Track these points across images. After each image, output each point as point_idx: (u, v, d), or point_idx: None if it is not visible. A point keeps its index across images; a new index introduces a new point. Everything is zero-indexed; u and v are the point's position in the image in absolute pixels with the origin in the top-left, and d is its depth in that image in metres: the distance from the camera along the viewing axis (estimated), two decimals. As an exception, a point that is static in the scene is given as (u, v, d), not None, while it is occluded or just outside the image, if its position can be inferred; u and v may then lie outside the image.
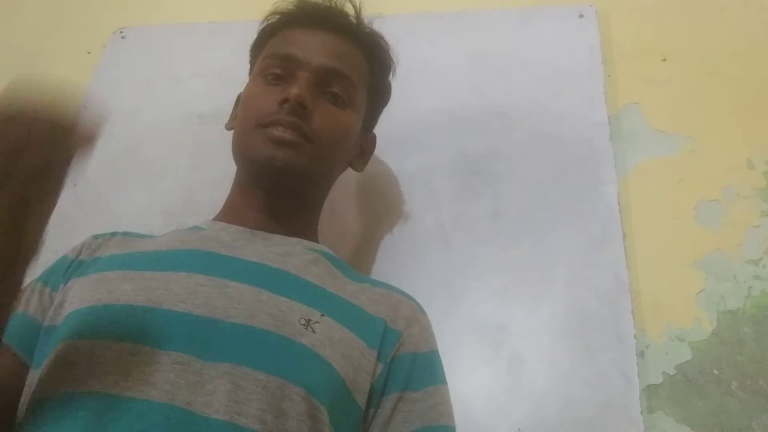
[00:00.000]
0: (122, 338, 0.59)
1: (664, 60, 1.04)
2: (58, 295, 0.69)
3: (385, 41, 0.85)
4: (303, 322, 0.62)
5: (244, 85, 0.83)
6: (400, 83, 1.07)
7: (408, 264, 0.91)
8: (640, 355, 0.82)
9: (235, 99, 0.87)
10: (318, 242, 0.80)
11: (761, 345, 0.82)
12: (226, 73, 1.15)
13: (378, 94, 0.86)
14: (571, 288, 0.87)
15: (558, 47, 1.06)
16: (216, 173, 1.05)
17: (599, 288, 0.86)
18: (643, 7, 1.09)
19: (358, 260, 0.92)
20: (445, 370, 0.82)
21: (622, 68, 1.04)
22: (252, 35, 0.87)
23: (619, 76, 1.03)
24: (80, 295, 0.65)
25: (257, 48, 0.84)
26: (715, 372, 0.81)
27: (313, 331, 0.62)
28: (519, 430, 0.79)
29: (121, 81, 1.19)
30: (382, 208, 0.97)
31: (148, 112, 1.14)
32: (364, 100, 0.82)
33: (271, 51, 0.79)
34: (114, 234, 0.78)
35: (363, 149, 0.87)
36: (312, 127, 0.73)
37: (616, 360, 0.81)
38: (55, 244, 1.01)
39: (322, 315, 0.64)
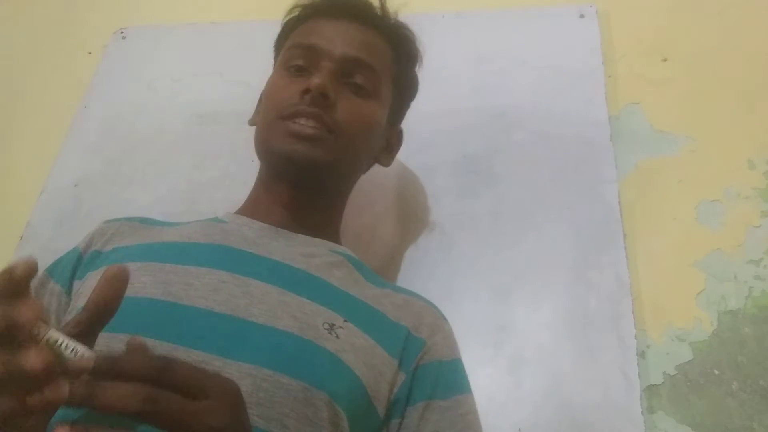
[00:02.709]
0: (141, 333, 0.56)
1: (665, 60, 1.04)
2: (75, 292, 0.67)
3: (411, 32, 0.83)
4: (326, 326, 0.61)
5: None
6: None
7: (408, 264, 0.91)
8: (641, 355, 0.82)
9: (260, 96, 0.84)
10: (341, 243, 0.79)
11: (762, 345, 0.82)
12: (226, 73, 1.15)
13: (404, 86, 0.83)
14: (572, 288, 0.87)
15: (558, 47, 1.06)
16: (216, 173, 1.05)
17: (600, 288, 0.86)
18: (644, 8, 1.09)
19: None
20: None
21: (622, 68, 1.04)
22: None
23: (619, 76, 1.03)
24: None
25: (281, 41, 0.82)
26: (716, 372, 0.81)
27: (337, 337, 0.61)
28: (519, 430, 0.79)
29: (121, 81, 1.19)
30: (382, 208, 0.97)
31: (148, 113, 1.14)
32: (390, 91, 0.80)
33: (294, 42, 0.77)
34: (130, 219, 0.76)
35: (389, 143, 0.84)
36: (335, 118, 0.71)
37: (616, 360, 0.81)
38: (56, 245, 1.02)
39: (345, 320, 0.63)
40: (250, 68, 1.14)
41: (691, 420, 0.78)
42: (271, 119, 0.72)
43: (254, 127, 0.79)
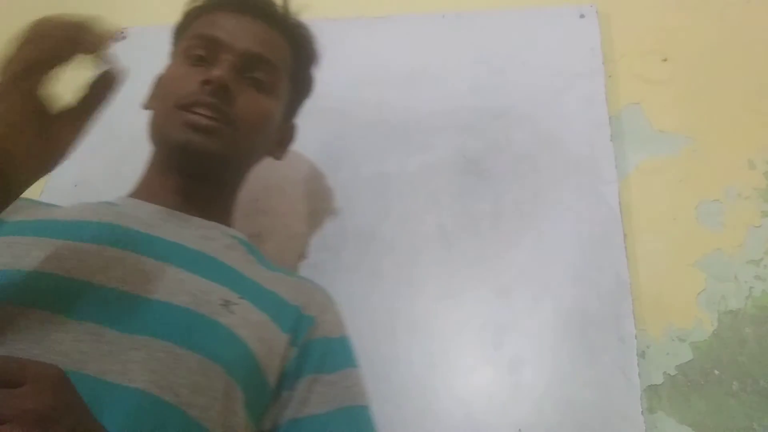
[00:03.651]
0: (33, 305, 0.57)
1: (665, 60, 1.04)
2: None
3: (310, 32, 0.85)
4: (222, 302, 0.63)
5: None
6: (400, 83, 1.07)
7: (408, 264, 0.91)
8: (641, 355, 0.82)
9: (155, 79, 0.85)
10: (234, 228, 0.80)
11: (762, 345, 0.82)
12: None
13: (301, 84, 0.85)
14: (572, 288, 0.87)
15: (559, 48, 1.06)
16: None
17: (600, 288, 0.86)
18: (644, 8, 1.09)
19: (357, 259, 0.92)
20: (446, 370, 0.82)
21: (622, 68, 1.04)
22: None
23: (619, 77, 1.03)
24: None
25: (182, 29, 0.83)
26: (716, 372, 0.81)
27: (232, 312, 0.63)
28: (520, 430, 0.79)
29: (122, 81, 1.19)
30: (382, 208, 0.97)
31: (149, 112, 1.14)
32: (287, 88, 0.82)
33: (196, 32, 0.78)
34: (20, 199, 0.75)
35: (283, 138, 0.87)
36: (233, 111, 0.72)
37: (616, 360, 0.81)
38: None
39: (240, 297, 0.65)
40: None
41: (692, 420, 0.78)
42: (169, 107, 0.73)
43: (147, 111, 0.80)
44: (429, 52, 1.09)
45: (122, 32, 0.51)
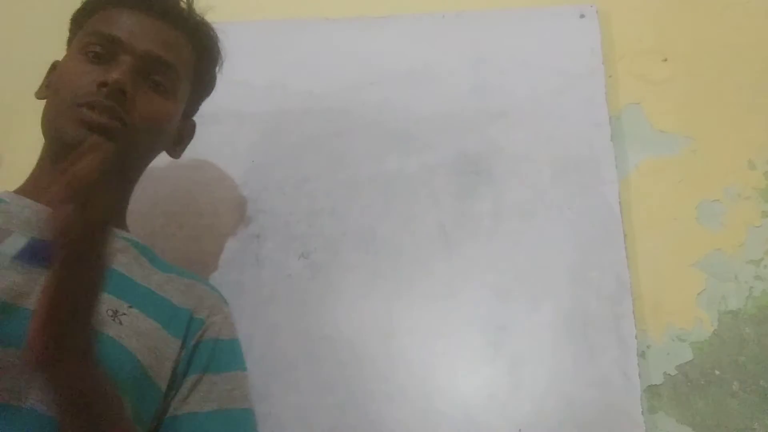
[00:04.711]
0: None
1: (665, 60, 1.04)
2: None
3: (214, 32, 0.84)
4: (110, 313, 0.63)
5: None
6: (400, 83, 1.07)
7: (408, 264, 0.91)
8: (641, 355, 0.82)
9: (50, 66, 0.82)
10: (127, 229, 0.79)
11: (762, 345, 0.82)
12: (226, 73, 1.14)
13: (202, 84, 0.85)
14: (572, 288, 0.87)
15: (559, 47, 1.05)
16: (216, 173, 1.05)
17: (600, 288, 0.86)
18: (644, 8, 1.09)
19: (357, 259, 0.92)
20: (446, 370, 0.82)
21: (623, 68, 1.04)
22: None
23: (620, 77, 1.03)
24: None
25: (80, 19, 0.80)
26: (716, 372, 0.81)
27: (120, 323, 0.63)
28: (520, 430, 0.79)
29: (121, 81, 1.19)
30: (382, 208, 0.97)
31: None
32: (188, 89, 0.80)
33: (94, 28, 0.75)
34: None
35: (181, 136, 0.85)
36: (130, 114, 0.70)
37: (617, 360, 0.81)
38: (56, 244, 1.02)
39: (130, 306, 0.65)
40: (249, 68, 1.15)
41: (692, 420, 0.78)
42: (65, 104, 0.70)
43: (40, 101, 0.77)
44: (429, 52, 1.09)
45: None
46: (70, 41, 0.81)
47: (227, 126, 1.09)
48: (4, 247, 0.48)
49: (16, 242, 0.48)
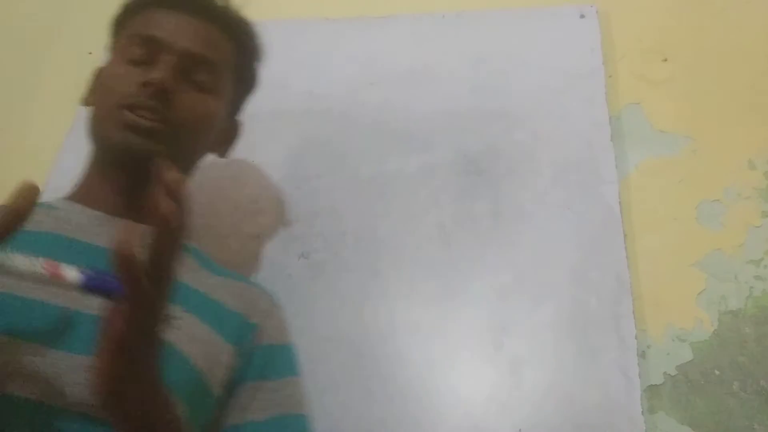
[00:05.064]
0: None
1: (665, 60, 1.04)
2: None
3: (253, 27, 0.83)
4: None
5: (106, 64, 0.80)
6: (400, 83, 1.07)
7: (408, 264, 0.91)
8: (641, 355, 0.82)
9: (94, 73, 0.82)
10: None
11: (762, 345, 0.82)
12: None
13: (244, 81, 0.84)
14: (572, 288, 0.87)
15: (559, 48, 1.06)
16: (216, 173, 1.05)
17: (600, 288, 0.86)
18: (645, 8, 1.09)
19: (357, 259, 0.92)
20: (446, 370, 0.82)
21: (623, 68, 1.04)
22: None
23: (620, 77, 1.03)
24: None
25: (119, 24, 0.80)
26: (716, 372, 0.81)
27: (176, 327, 0.62)
28: (520, 430, 0.79)
29: (121, 81, 1.19)
30: (382, 208, 0.97)
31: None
32: (230, 86, 0.80)
33: (135, 31, 0.75)
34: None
35: (227, 136, 0.85)
36: (173, 113, 0.71)
37: (617, 360, 0.81)
38: (56, 244, 1.02)
39: (184, 311, 0.65)
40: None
41: (692, 420, 0.78)
42: (109, 107, 0.71)
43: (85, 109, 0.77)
44: (429, 52, 1.09)
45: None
46: (110, 46, 0.81)
47: (227, 126, 1.09)
48: (65, 272, 0.47)
49: (76, 273, 0.47)
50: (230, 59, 0.79)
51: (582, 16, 1.08)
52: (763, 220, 0.90)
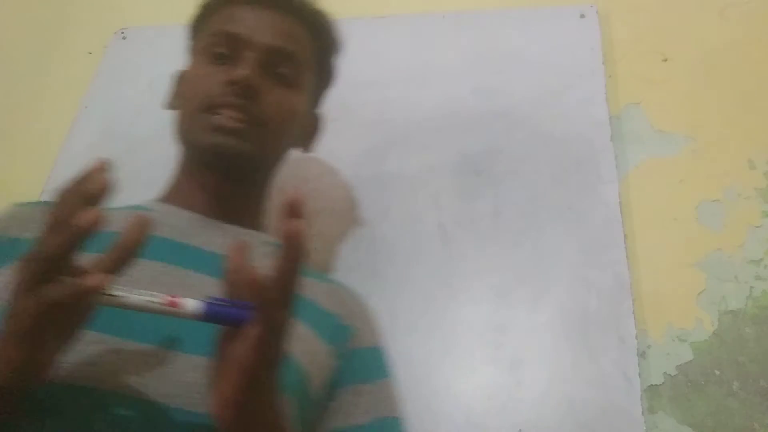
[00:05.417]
0: (89, 327, 0.54)
1: (665, 60, 1.04)
2: None
3: (331, 19, 0.82)
4: None
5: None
6: (400, 83, 1.07)
7: (408, 264, 0.91)
8: (641, 355, 0.82)
9: (176, 77, 0.83)
10: (266, 232, 0.79)
11: (763, 345, 0.82)
12: (226, 73, 1.15)
13: (324, 74, 0.84)
14: (572, 288, 0.87)
15: (559, 47, 1.06)
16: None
17: (600, 288, 0.86)
18: (644, 8, 1.09)
19: (357, 259, 0.92)
20: (446, 370, 0.82)
21: (623, 68, 1.04)
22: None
23: (620, 77, 1.03)
24: None
25: (198, 24, 0.80)
26: (717, 372, 0.81)
27: None
28: (520, 430, 0.79)
29: (122, 81, 1.19)
30: (382, 208, 0.97)
31: (149, 113, 1.14)
32: (311, 79, 0.80)
33: (216, 29, 0.75)
34: (44, 203, 0.72)
35: (310, 130, 0.85)
36: (260, 110, 0.70)
37: (617, 360, 0.81)
38: (56, 244, 1.01)
39: None
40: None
41: (692, 420, 0.78)
42: (194, 109, 0.71)
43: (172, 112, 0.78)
44: (429, 52, 1.09)
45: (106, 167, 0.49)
46: (190, 48, 0.81)
47: (227, 126, 1.09)
48: (186, 304, 0.47)
49: (197, 303, 0.47)
50: (310, 52, 0.79)
51: (582, 16, 1.08)
52: (763, 220, 0.90)
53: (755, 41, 1.03)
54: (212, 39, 0.75)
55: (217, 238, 0.69)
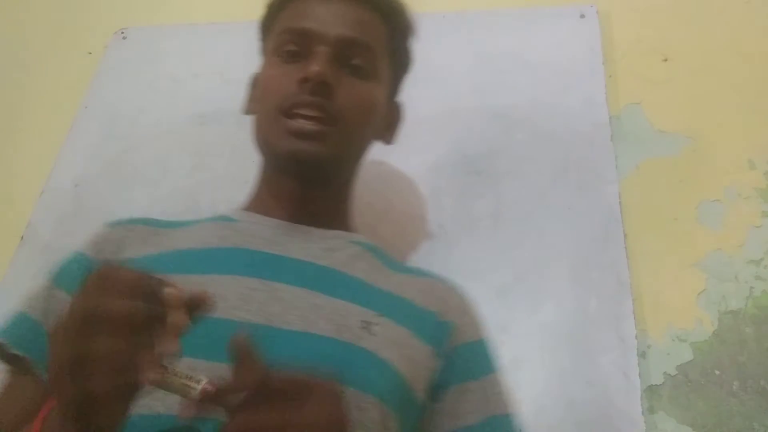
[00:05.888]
0: (182, 353, 0.55)
1: (665, 60, 1.04)
2: None
3: (403, 3, 0.78)
4: (362, 324, 0.60)
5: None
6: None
7: (408, 264, 0.91)
8: (642, 355, 0.82)
9: (251, 80, 0.81)
10: (355, 230, 0.77)
11: (762, 345, 0.82)
12: (226, 73, 1.15)
13: (400, 60, 0.80)
14: (572, 288, 0.87)
15: (559, 47, 1.05)
16: (217, 173, 1.05)
17: (600, 288, 0.86)
18: (644, 8, 1.09)
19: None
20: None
21: (623, 68, 1.04)
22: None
23: (620, 77, 1.03)
24: None
25: (267, 24, 0.78)
26: (717, 372, 0.81)
27: (373, 334, 0.60)
28: (520, 430, 0.79)
29: (122, 81, 1.19)
30: (383, 208, 0.97)
31: (148, 113, 1.14)
32: (387, 68, 0.76)
33: (284, 26, 0.73)
34: (133, 222, 0.72)
35: (390, 120, 0.81)
36: (337, 106, 0.68)
37: (617, 360, 0.81)
38: (56, 245, 1.02)
39: (379, 315, 0.62)
40: (250, 68, 1.14)
41: (692, 420, 0.78)
42: (271, 114, 0.69)
43: (249, 117, 0.77)
44: (429, 52, 1.08)
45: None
46: (262, 48, 0.79)
47: (227, 126, 1.09)
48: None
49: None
50: (384, 39, 0.75)
51: (582, 16, 1.08)
52: (763, 220, 0.90)
53: (755, 41, 1.03)
54: (281, 38, 0.72)
55: (303, 243, 0.68)
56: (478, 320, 0.72)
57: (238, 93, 1.13)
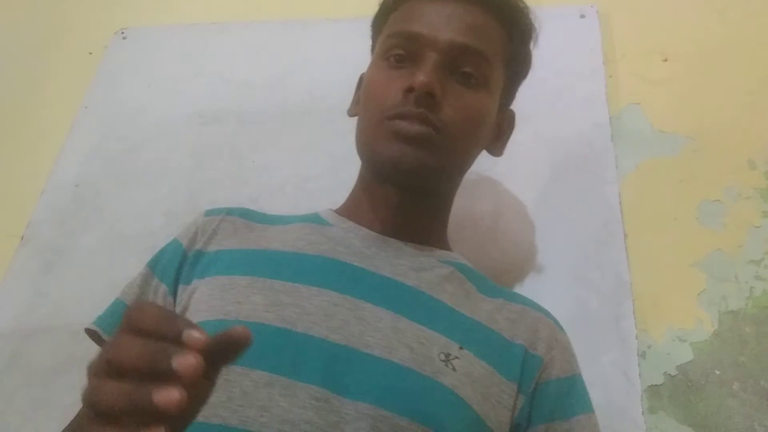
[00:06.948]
0: (257, 365, 0.53)
1: (665, 60, 1.04)
2: (180, 298, 0.64)
3: (524, 3, 0.72)
4: (443, 357, 0.58)
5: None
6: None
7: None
8: (642, 355, 0.82)
9: (358, 81, 0.78)
10: (449, 248, 0.75)
11: (763, 345, 0.82)
12: (226, 73, 1.15)
13: (518, 66, 0.75)
14: (573, 288, 0.87)
15: (559, 48, 1.05)
16: (217, 173, 1.05)
17: (600, 288, 0.86)
18: (645, 8, 1.09)
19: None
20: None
21: (623, 68, 1.04)
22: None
23: (620, 77, 1.03)
24: (207, 303, 0.60)
25: (378, 24, 0.74)
26: (717, 372, 0.81)
27: (453, 369, 0.58)
28: (520, 430, 0.79)
29: (122, 81, 1.19)
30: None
31: (149, 113, 1.14)
32: (502, 75, 0.71)
33: (393, 29, 0.69)
34: (230, 212, 0.72)
35: (501, 130, 0.77)
36: (442, 118, 0.64)
37: (617, 360, 0.81)
38: (56, 245, 1.02)
39: (461, 348, 0.60)
40: (250, 68, 1.15)
41: (692, 420, 0.78)
42: (374, 119, 0.66)
43: (351, 120, 0.74)
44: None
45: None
46: (373, 48, 0.76)
47: (227, 126, 1.09)
48: None
49: None
50: (501, 44, 0.70)
51: (582, 16, 1.08)
52: (763, 220, 0.90)
53: (755, 41, 1.03)
54: (390, 41, 0.69)
55: (393, 259, 0.66)
56: (570, 355, 0.68)
57: (238, 93, 1.14)
